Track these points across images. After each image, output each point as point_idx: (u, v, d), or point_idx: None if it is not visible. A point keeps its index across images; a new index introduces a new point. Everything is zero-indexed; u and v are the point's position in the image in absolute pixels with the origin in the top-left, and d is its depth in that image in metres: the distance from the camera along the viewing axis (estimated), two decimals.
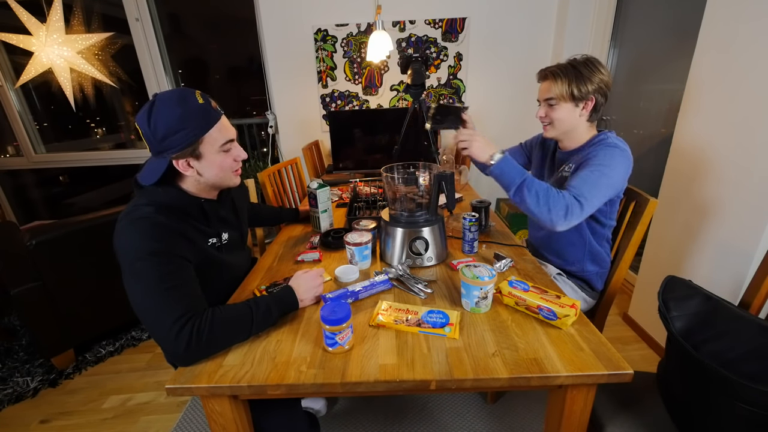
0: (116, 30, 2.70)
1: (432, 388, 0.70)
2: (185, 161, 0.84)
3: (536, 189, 0.97)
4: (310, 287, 0.93)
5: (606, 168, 1.03)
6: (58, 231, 1.70)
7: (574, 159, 1.15)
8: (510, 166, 1.01)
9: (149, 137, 0.82)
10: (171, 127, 0.80)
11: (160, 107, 0.80)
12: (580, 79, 1.07)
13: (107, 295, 1.88)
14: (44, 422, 1.55)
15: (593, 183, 1.01)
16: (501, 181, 1.03)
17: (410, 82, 1.71)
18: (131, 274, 0.77)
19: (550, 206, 0.96)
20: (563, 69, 1.10)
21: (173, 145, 0.81)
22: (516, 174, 1.00)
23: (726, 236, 1.41)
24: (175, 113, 0.80)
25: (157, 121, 0.79)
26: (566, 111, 1.12)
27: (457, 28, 2.57)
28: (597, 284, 1.26)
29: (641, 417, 0.89)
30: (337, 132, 2.43)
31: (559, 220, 0.97)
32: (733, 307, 0.83)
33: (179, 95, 0.82)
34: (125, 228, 0.80)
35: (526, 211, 1.01)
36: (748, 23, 1.30)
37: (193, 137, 0.82)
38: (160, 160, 0.83)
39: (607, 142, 1.09)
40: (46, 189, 3.36)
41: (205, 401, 0.74)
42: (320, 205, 1.36)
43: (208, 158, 0.86)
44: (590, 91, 1.08)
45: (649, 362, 1.67)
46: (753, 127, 1.29)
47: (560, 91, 1.10)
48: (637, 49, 2.22)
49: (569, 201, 0.97)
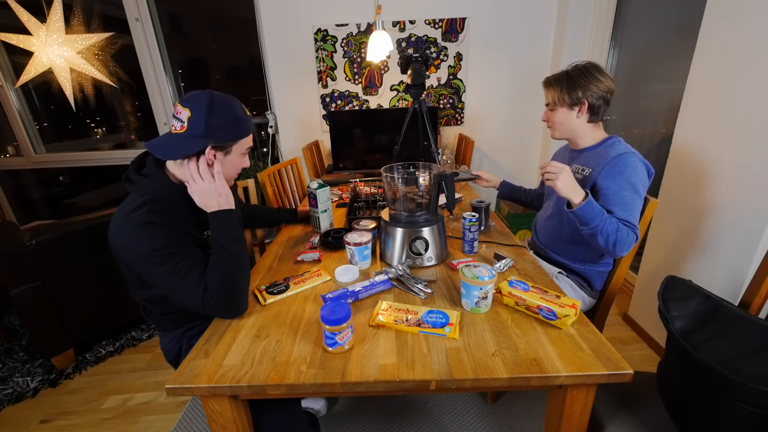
0: (116, 30, 2.70)
1: (432, 388, 0.70)
2: (214, 152, 0.92)
3: (607, 232, 1.06)
4: (210, 191, 0.91)
5: (637, 186, 1.09)
6: (58, 231, 1.70)
7: (589, 160, 1.20)
8: (591, 210, 1.06)
9: (198, 121, 0.88)
10: (227, 121, 0.91)
11: (221, 103, 0.90)
12: (572, 85, 1.16)
13: (107, 295, 1.88)
14: (44, 422, 1.55)
15: (636, 207, 1.09)
16: (577, 218, 1.09)
17: (410, 82, 1.71)
18: (148, 267, 0.87)
19: (616, 245, 1.06)
20: (557, 77, 1.21)
21: (218, 136, 0.90)
22: (592, 217, 1.06)
23: (726, 236, 1.41)
24: (233, 113, 0.92)
25: (219, 110, 0.89)
26: (563, 114, 1.21)
27: (457, 28, 2.57)
28: (597, 283, 1.27)
29: (641, 417, 0.89)
30: (337, 132, 2.44)
31: (621, 253, 1.09)
32: (733, 307, 0.83)
33: (236, 100, 0.94)
34: (131, 232, 0.86)
35: (591, 242, 1.11)
36: (748, 23, 1.30)
37: (236, 136, 0.94)
38: (194, 142, 0.89)
39: (624, 151, 1.12)
40: (46, 189, 3.36)
41: (205, 401, 0.74)
42: (320, 205, 1.36)
43: (232, 157, 0.96)
44: (582, 96, 1.16)
45: (649, 362, 1.67)
46: (753, 127, 1.29)
47: (554, 97, 1.20)
48: (637, 49, 2.22)
49: (630, 239, 1.06)
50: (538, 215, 1.46)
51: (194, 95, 0.89)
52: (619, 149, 1.13)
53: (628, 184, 1.08)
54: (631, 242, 1.07)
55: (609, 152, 1.14)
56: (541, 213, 1.43)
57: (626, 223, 1.07)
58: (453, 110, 2.79)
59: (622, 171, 1.09)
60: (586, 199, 1.06)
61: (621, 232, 1.05)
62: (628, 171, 1.09)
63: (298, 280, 1.04)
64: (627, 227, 1.07)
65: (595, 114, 1.18)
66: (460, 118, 2.81)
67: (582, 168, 1.21)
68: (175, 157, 0.91)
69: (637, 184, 1.09)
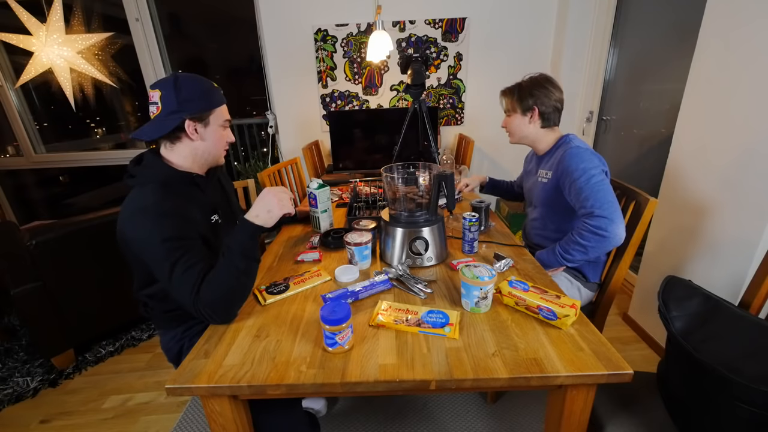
0: (116, 30, 2.70)
1: (432, 388, 0.70)
2: (194, 126, 0.96)
3: (572, 251, 1.14)
4: (276, 204, 0.91)
5: (589, 171, 1.13)
6: (58, 231, 1.70)
7: (548, 163, 1.31)
8: (545, 257, 1.21)
9: (169, 98, 0.93)
10: (195, 93, 0.95)
11: (186, 78, 0.95)
12: (521, 93, 1.27)
13: (107, 295, 1.88)
14: (44, 422, 1.55)
15: (597, 190, 1.11)
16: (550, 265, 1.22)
17: (410, 82, 1.71)
18: (152, 258, 0.88)
19: (598, 252, 1.12)
20: (511, 87, 1.32)
21: (191, 108, 0.94)
22: (551, 260, 1.20)
23: (726, 236, 1.41)
24: (201, 85, 0.97)
25: (184, 85, 0.94)
26: (516, 119, 1.31)
27: (457, 28, 2.57)
28: (591, 275, 1.29)
29: (641, 417, 0.89)
30: (337, 132, 2.44)
31: (609, 248, 1.12)
32: (733, 307, 0.83)
33: (201, 76, 0.99)
34: (137, 219, 0.89)
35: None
36: (748, 23, 1.30)
37: (208, 105, 0.97)
38: (169, 120, 0.94)
39: (571, 147, 1.21)
40: (46, 189, 3.36)
41: (205, 401, 0.74)
42: (320, 205, 1.36)
43: (212, 128, 0.99)
44: (531, 104, 1.26)
45: (649, 362, 1.68)
46: (753, 127, 1.29)
47: (507, 105, 1.33)
48: (637, 49, 2.22)
49: (602, 235, 1.08)
50: (525, 219, 1.54)
51: (161, 79, 0.96)
52: (567, 147, 1.22)
53: (580, 172, 1.14)
54: (605, 237, 1.08)
55: (560, 153, 1.24)
56: (528, 216, 1.50)
57: (591, 215, 1.09)
58: (453, 110, 2.79)
59: (569, 164, 1.17)
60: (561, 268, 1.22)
61: (590, 243, 1.10)
62: (576, 161, 1.15)
63: (298, 280, 1.04)
64: (589, 229, 1.09)
65: (546, 120, 1.28)
66: (460, 118, 2.81)
67: (546, 172, 1.31)
68: (156, 136, 0.95)
69: (588, 168, 1.13)
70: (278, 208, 0.91)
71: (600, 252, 1.13)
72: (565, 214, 1.26)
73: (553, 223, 1.33)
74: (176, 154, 0.99)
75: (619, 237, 1.08)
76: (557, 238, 1.27)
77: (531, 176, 1.43)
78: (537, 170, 1.37)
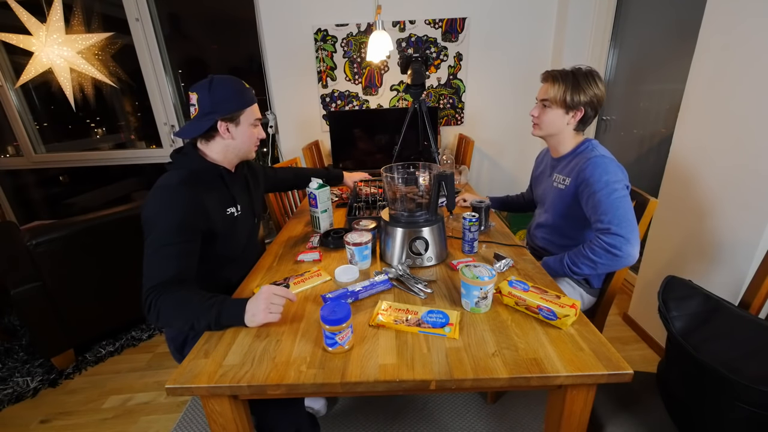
0: (116, 30, 2.70)
1: (432, 388, 0.70)
2: (226, 126, 1.04)
3: (581, 264, 1.09)
4: (262, 309, 0.82)
5: (612, 184, 1.06)
6: (58, 231, 1.70)
7: (566, 168, 1.22)
8: (552, 264, 1.16)
9: (204, 100, 1.01)
10: (227, 95, 1.02)
11: (220, 80, 1.02)
12: (576, 88, 1.13)
13: (107, 295, 1.88)
14: (44, 422, 1.55)
15: (616, 207, 1.04)
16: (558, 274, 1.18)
17: (410, 82, 1.71)
18: (148, 227, 0.92)
19: (604, 266, 1.07)
20: (563, 74, 1.15)
21: (223, 109, 1.02)
22: (557, 268, 1.15)
23: (726, 236, 1.41)
24: (232, 87, 1.04)
25: (217, 88, 1.01)
26: (556, 115, 1.18)
27: (457, 28, 2.57)
28: (594, 282, 1.27)
29: (641, 417, 0.89)
30: (337, 132, 2.44)
31: (619, 264, 1.05)
32: (733, 307, 0.83)
33: (234, 78, 1.06)
34: (151, 195, 0.96)
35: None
36: (748, 23, 1.30)
37: (239, 106, 1.04)
38: (205, 121, 1.02)
39: (596, 156, 1.12)
40: (46, 189, 3.36)
41: (205, 401, 0.74)
42: (320, 205, 1.36)
43: (242, 127, 1.07)
44: (582, 102, 1.14)
45: (649, 362, 1.67)
46: (753, 127, 1.29)
47: (555, 95, 1.16)
48: (637, 49, 2.22)
49: (606, 245, 1.03)
50: (531, 220, 1.47)
51: (198, 82, 1.03)
52: (590, 154, 1.14)
53: (602, 184, 1.06)
54: (618, 257, 1.02)
55: (581, 160, 1.15)
56: (534, 219, 1.44)
57: (607, 232, 1.03)
58: (453, 110, 2.78)
59: (591, 174, 1.09)
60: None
61: (601, 260, 1.05)
62: (599, 172, 1.07)
63: (298, 280, 1.04)
64: (603, 246, 1.03)
65: (583, 124, 1.19)
66: (460, 118, 2.81)
67: (563, 178, 1.21)
68: (193, 135, 1.04)
69: (611, 182, 1.05)
70: (262, 317, 0.83)
71: (609, 270, 1.09)
72: (577, 222, 1.20)
73: (562, 229, 1.27)
74: (210, 148, 1.08)
75: (633, 258, 1.02)
76: (563, 244, 1.25)
77: (544, 178, 1.36)
78: (552, 173, 1.29)
